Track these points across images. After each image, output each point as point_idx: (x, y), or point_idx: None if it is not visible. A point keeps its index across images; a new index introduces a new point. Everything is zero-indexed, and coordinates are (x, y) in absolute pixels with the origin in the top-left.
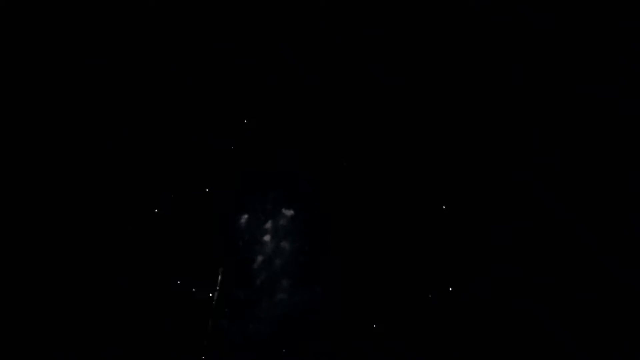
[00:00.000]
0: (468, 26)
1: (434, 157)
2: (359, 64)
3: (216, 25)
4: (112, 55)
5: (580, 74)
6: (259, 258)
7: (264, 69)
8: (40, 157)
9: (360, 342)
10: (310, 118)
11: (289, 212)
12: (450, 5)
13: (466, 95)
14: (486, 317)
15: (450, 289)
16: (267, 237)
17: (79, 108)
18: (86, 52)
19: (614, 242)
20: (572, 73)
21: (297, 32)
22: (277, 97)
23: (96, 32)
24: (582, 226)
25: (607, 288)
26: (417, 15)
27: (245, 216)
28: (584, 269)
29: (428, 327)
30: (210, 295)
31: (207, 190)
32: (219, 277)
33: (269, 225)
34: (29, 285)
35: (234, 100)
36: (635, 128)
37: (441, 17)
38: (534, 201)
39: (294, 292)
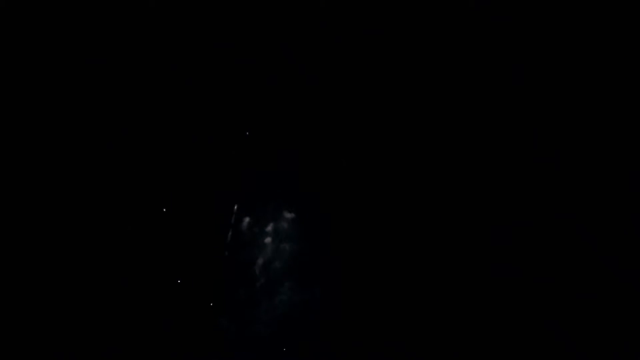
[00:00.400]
0: (468, 26)
1: (435, 158)
2: (359, 64)
3: (216, 25)
4: (113, 55)
5: (580, 74)
6: (260, 260)
7: (264, 70)
8: (46, 158)
9: (360, 343)
10: (311, 119)
11: (290, 215)
12: (450, 5)
13: (466, 95)
14: (487, 319)
15: (452, 290)
16: (268, 239)
17: (82, 110)
18: (86, 52)
19: (614, 242)
20: (572, 73)
21: (297, 32)
22: (277, 98)
23: (96, 32)
24: (582, 227)
25: (607, 288)
26: (417, 15)
27: (247, 219)
28: (584, 269)
29: (429, 328)
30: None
31: (208, 192)
32: (234, 213)
33: (270, 227)
34: (28, 282)
35: (234, 101)
36: (635, 128)
37: (441, 17)
38: (534, 202)
39: (294, 293)
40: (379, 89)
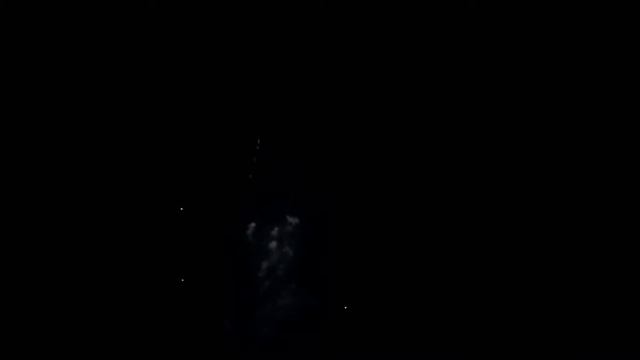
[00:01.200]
0: (468, 26)
1: (437, 161)
2: (359, 64)
3: (216, 26)
4: (116, 57)
5: (581, 74)
6: (264, 264)
7: (264, 72)
8: (59, 159)
9: (363, 346)
10: (313, 122)
11: (294, 220)
12: (450, 5)
13: (466, 95)
14: (489, 321)
15: (455, 293)
16: (272, 244)
17: (87, 112)
18: (87, 52)
19: (614, 242)
20: (572, 73)
21: (297, 32)
22: (279, 100)
23: (96, 32)
24: (581, 226)
25: (607, 288)
26: (417, 15)
27: (252, 224)
28: (584, 269)
29: (431, 332)
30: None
31: (213, 196)
32: (256, 148)
33: (274, 232)
34: (33, 282)
35: (236, 106)
36: (635, 128)
37: (441, 17)
38: (534, 201)
39: (298, 296)
40: (380, 90)
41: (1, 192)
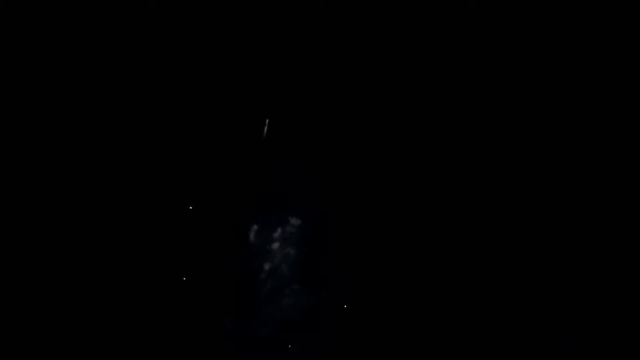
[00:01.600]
0: (468, 26)
1: (438, 161)
2: (359, 64)
3: (216, 26)
4: (118, 55)
5: (580, 74)
6: (267, 266)
7: (265, 73)
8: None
9: (365, 346)
10: (313, 124)
11: (296, 221)
12: (450, 5)
13: (466, 95)
14: (489, 321)
15: (456, 292)
16: (274, 245)
17: (87, 113)
18: (87, 51)
19: (614, 242)
20: (572, 73)
21: (297, 32)
22: (281, 102)
23: (97, 31)
24: (581, 227)
25: (607, 288)
26: (417, 15)
27: (255, 226)
28: (584, 269)
29: (431, 331)
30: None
31: (216, 198)
32: (265, 128)
33: (277, 233)
34: (39, 280)
35: (237, 107)
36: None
37: (441, 17)
38: (533, 202)
39: (300, 296)
40: (381, 91)
41: (2, 192)
